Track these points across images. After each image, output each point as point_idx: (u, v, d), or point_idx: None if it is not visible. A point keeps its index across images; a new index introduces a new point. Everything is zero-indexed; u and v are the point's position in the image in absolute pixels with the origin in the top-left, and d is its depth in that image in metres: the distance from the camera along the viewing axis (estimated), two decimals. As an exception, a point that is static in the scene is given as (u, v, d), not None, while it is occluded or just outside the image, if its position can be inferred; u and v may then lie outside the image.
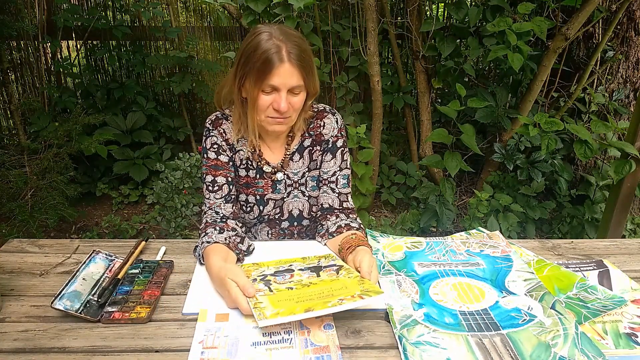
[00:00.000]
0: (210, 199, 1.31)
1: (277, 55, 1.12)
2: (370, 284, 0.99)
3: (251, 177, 1.36)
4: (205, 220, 1.29)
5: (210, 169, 1.32)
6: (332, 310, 0.90)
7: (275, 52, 1.12)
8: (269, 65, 1.12)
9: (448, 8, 3.09)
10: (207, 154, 1.32)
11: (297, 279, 1.07)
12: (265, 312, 0.91)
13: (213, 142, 1.32)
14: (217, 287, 1.06)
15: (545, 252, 1.29)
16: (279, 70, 1.13)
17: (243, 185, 1.37)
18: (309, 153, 1.36)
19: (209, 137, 1.33)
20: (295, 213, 1.40)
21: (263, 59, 1.13)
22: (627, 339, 0.94)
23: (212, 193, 1.31)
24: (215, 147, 1.32)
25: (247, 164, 1.35)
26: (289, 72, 1.14)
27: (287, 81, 1.15)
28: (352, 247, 1.16)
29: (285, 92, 1.16)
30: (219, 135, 1.32)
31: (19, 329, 0.94)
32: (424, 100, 3.08)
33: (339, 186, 1.36)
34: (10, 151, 2.69)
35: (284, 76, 1.14)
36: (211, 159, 1.32)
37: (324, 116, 1.36)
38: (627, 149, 2.32)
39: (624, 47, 2.98)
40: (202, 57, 3.76)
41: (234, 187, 1.35)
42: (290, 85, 1.16)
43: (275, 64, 1.12)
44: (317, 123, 1.35)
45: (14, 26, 2.76)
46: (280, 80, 1.14)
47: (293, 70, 1.14)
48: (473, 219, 2.76)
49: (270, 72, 1.13)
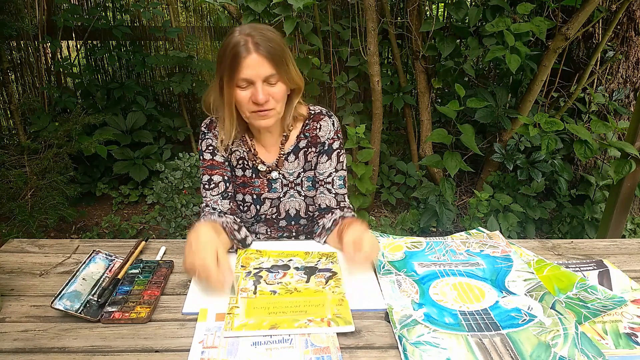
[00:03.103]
0: (207, 196, 1.34)
1: (244, 47, 1.14)
2: (346, 309, 0.99)
3: (247, 177, 1.38)
4: (203, 215, 1.32)
5: (206, 169, 1.35)
6: (297, 331, 0.93)
7: (243, 45, 1.14)
8: (237, 58, 1.14)
9: (448, 8, 3.09)
10: (203, 156, 1.35)
11: (286, 280, 1.11)
12: (235, 321, 0.95)
13: (208, 144, 1.35)
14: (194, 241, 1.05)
15: (545, 252, 1.29)
16: (247, 62, 1.14)
17: (240, 185, 1.39)
18: (304, 154, 1.37)
19: (204, 140, 1.36)
20: (292, 212, 1.42)
21: (232, 55, 1.15)
22: (627, 339, 0.93)
23: (209, 191, 1.34)
24: (210, 148, 1.35)
25: (243, 163, 1.37)
26: (257, 62, 1.14)
27: (258, 71, 1.15)
28: (348, 221, 1.19)
29: (260, 83, 1.16)
30: (214, 137, 1.34)
31: (19, 329, 0.94)
32: (423, 100, 3.08)
33: (335, 187, 1.37)
34: (10, 151, 2.69)
35: (253, 67, 1.14)
36: (207, 159, 1.35)
37: (321, 118, 1.37)
38: (627, 149, 2.32)
39: (624, 47, 2.98)
40: (202, 57, 3.77)
41: (231, 185, 1.37)
42: (263, 75, 1.16)
43: (243, 56, 1.14)
44: (314, 125, 1.36)
45: (14, 26, 2.76)
46: (251, 72, 1.15)
47: (261, 60, 1.15)
48: (473, 219, 2.76)
49: (240, 65, 1.14)
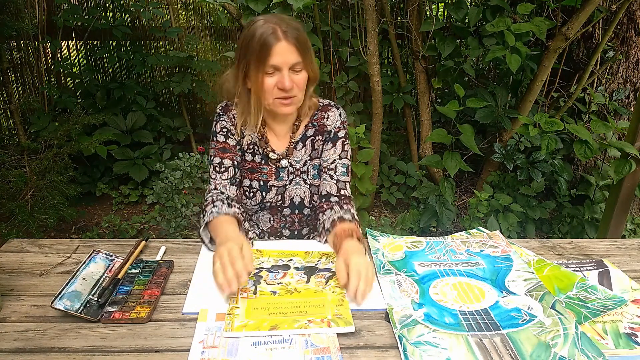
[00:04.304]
0: (217, 179, 1.36)
1: (274, 35, 1.17)
2: (346, 309, 0.99)
3: (256, 162, 1.40)
4: (211, 197, 1.32)
5: (218, 152, 1.36)
6: (297, 331, 0.93)
7: (272, 33, 1.17)
8: (267, 45, 1.17)
9: (448, 8, 3.09)
10: (216, 137, 1.37)
11: (287, 280, 1.11)
12: (235, 322, 0.95)
13: (223, 125, 1.37)
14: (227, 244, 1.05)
15: (545, 252, 1.29)
16: (276, 49, 1.17)
17: (248, 170, 1.41)
18: (311, 142, 1.41)
19: (219, 122, 1.38)
20: (297, 201, 1.43)
21: (261, 42, 1.17)
22: (627, 339, 0.94)
23: (219, 174, 1.36)
24: (224, 130, 1.37)
25: (254, 148, 1.39)
26: (286, 49, 1.18)
27: (287, 58, 1.19)
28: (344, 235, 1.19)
29: (287, 70, 1.21)
30: (229, 120, 1.37)
31: (19, 329, 0.94)
32: (423, 100, 3.08)
33: (338, 173, 1.39)
34: (10, 151, 2.69)
35: (282, 54, 1.18)
36: (220, 142, 1.37)
37: (329, 109, 1.42)
38: (627, 149, 2.32)
39: (624, 47, 2.98)
40: (202, 57, 3.76)
41: (239, 172, 1.39)
42: (291, 63, 1.20)
43: (273, 44, 1.17)
44: (322, 115, 1.41)
45: (14, 26, 2.75)
46: (280, 59, 1.18)
47: (290, 47, 1.19)
48: (473, 219, 2.76)
49: (270, 52, 1.17)
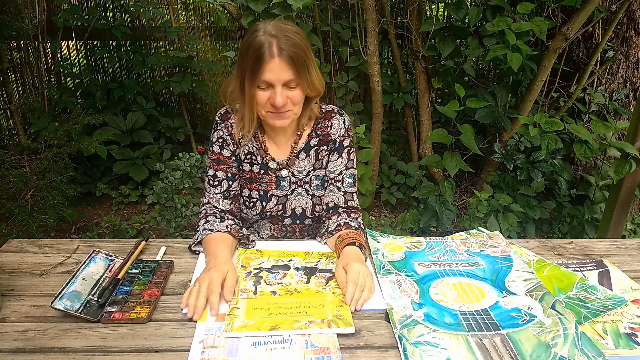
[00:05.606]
0: (211, 192, 1.35)
1: (268, 50, 1.14)
2: (346, 310, 1.00)
3: (255, 172, 1.37)
4: (204, 210, 1.32)
5: (213, 163, 1.35)
6: (297, 332, 0.93)
7: (267, 48, 1.14)
8: (260, 61, 1.14)
9: (448, 8, 3.09)
10: (212, 147, 1.36)
11: (287, 280, 1.11)
12: (235, 322, 0.95)
13: (219, 135, 1.35)
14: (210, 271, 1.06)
15: (545, 252, 1.29)
16: (269, 66, 1.14)
17: (247, 180, 1.38)
18: (315, 152, 1.37)
19: (216, 131, 1.36)
20: (298, 211, 1.40)
21: (255, 56, 1.14)
22: (627, 339, 0.94)
23: (212, 187, 1.35)
24: (220, 141, 1.35)
25: (252, 158, 1.37)
26: (280, 67, 1.14)
27: (280, 76, 1.15)
28: (346, 240, 1.20)
29: (280, 87, 1.17)
30: (225, 129, 1.34)
31: (19, 329, 0.94)
32: (424, 100, 3.08)
33: (345, 185, 1.37)
34: (10, 151, 2.68)
35: (275, 71, 1.15)
36: (215, 152, 1.35)
37: (332, 117, 1.37)
38: (627, 149, 2.32)
39: (624, 47, 2.98)
40: (202, 57, 3.76)
41: (235, 183, 1.36)
42: (284, 80, 1.16)
43: (266, 59, 1.14)
44: (325, 123, 1.37)
45: (14, 26, 2.75)
46: (272, 76, 1.15)
47: (284, 65, 1.15)
48: (473, 219, 2.76)
49: (262, 68, 1.14)
